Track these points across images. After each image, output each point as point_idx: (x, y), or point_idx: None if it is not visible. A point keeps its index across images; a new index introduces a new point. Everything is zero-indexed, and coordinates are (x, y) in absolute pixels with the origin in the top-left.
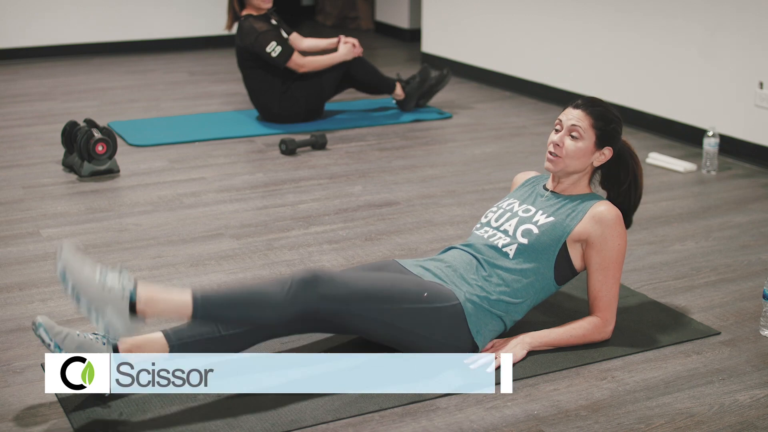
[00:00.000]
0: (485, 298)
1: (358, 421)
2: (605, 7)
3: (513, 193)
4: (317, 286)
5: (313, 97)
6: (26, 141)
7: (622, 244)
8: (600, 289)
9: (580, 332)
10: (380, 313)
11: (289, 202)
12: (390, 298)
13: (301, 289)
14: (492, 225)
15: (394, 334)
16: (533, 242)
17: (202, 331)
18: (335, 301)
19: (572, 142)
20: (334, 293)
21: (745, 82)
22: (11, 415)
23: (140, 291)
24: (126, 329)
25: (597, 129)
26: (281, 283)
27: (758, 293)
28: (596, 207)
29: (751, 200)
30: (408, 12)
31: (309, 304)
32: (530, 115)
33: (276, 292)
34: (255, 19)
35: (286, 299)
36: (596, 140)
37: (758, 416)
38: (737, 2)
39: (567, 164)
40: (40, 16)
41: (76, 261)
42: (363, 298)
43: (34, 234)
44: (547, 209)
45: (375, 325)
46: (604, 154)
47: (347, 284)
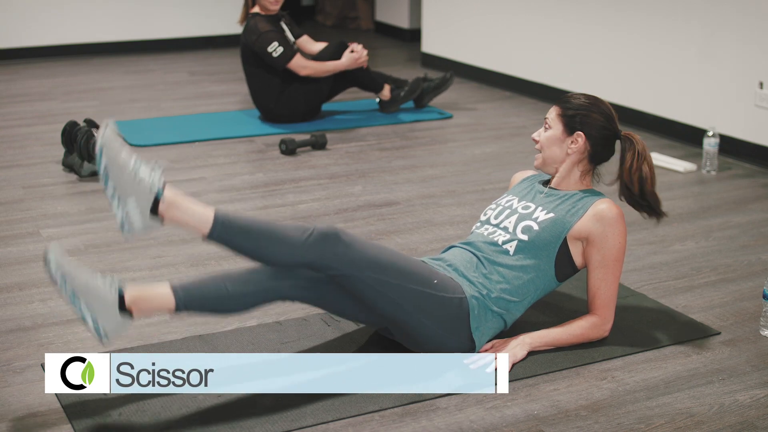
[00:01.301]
0: (486, 296)
1: (358, 421)
2: (605, 7)
3: (512, 190)
4: (335, 245)
5: (311, 97)
6: (26, 141)
7: (622, 242)
8: (599, 287)
9: (578, 331)
10: (389, 287)
11: (289, 202)
12: (402, 275)
13: (320, 241)
14: (491, 222)
15: (395, 312)
16: (533, 239)
17: (210, 288)
18: (348, 265)
19: (544, 132)
20: (349, 257)
21: (745, 82)
22: (11, 415)
23: (167, 192)
24: (142, 226)
25: (563, 117)
26: (303, 229)
27: (758, 293)
28: (597, 204)
29: (751, 200)
30: (408, 12)
31: (322, 259)
32: (530, 115)
33: (295, 236)
34: (261, 19)
35: (303, 245)
36: (563, 127)
37: (758, 416)
38: (737, 2)
39: (545, 156)
40: (40, 16)
41: (115, 143)
42: (377, 269)
43: (34, 234)
44: (546, 205)
45: (380, 298)
46: (576, 141)
47: (365, 251)
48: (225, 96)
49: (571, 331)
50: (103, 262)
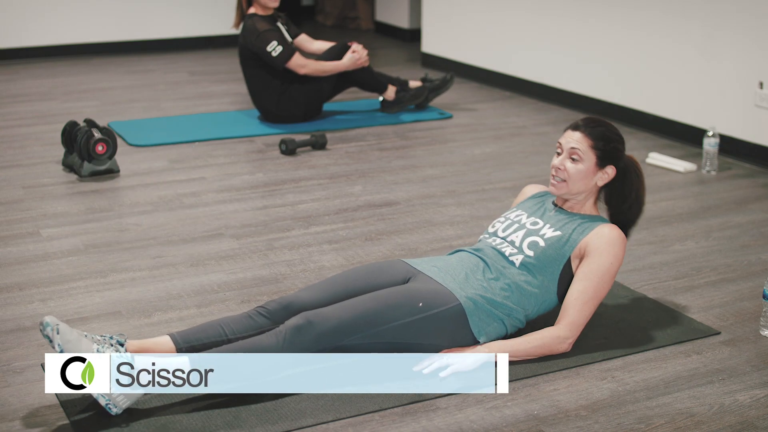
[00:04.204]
0: (488, 299)
1: (358, 421)
2: (605, 7)
3: (521, 205)
4: (311, 331)
5: (312, 97)
6: (26, 141)
7: (614, 264)
8: (576, 299)
9: (538, 342)
10: (382, 333)
11: (289, 202)
12: (387, 317)
13: (296, 336)
14: (499, 235)
15: (398, 347)
16: (539, 255)
17: (209, 334)
18: (335, 338)
19: (573, 164)
20: (331, 334)
21: (745, 82)
22: (11, 415)
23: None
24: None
25: (597, 149)
26: (275, 334)
27: (758, 293)
28: (602, 227)
29: (751, 200)
30: (408, 12)
31: (308, 349)
32: (530, 115)
33: (271, 344)
34: (259, 19)
35: (283, 348)
36: (597, 160)
37: (758, 416)
38: (737, 2)
39: (570, 187)
40: (40, 16)
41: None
42: (361, 327)
43: (34, 234)
44: (555, 224)
45: (379, 345)
46: (606, 173)
47: (343, 319)
48: (225, 96)
49: (531, 340)
50: (103, 262)
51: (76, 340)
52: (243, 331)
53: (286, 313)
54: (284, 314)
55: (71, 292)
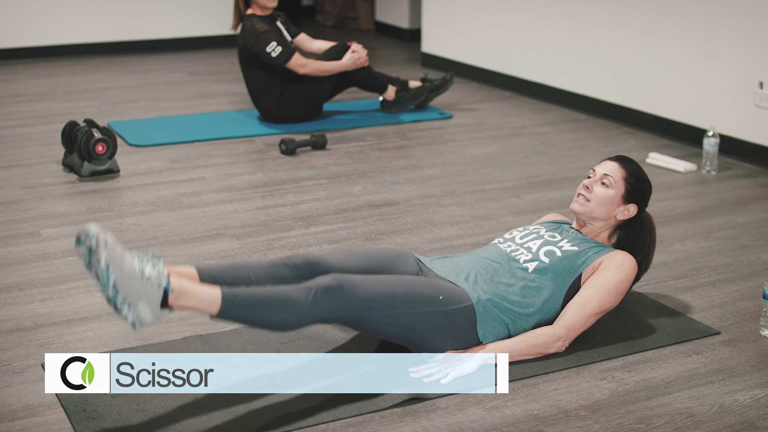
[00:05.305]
0: (496, 303)
1: (358, 421)
2: (605, 7)
3: (540, 223)
4: (341, 295)
5: (312, 97)
6: (26, 141)
7: (622, 282)
8: (577, 303)
9: (533, 341)
10: (399, 317)
11: (289, 202)
12: (410, 302)
13: (326, 296)
14: (516, 241)
15: (409, 336)
16: (554, 263)
17: (234, 275)
18: (357, 310)
19: (602, 188)
20: (357, 303)
21: (745, 82)
22: (11, 415)
23: (173, 283)
24: (153, 321)
25: (628, 183)
26: (306, 289)
27: (758, 293)
28: (618, 251)
29: (751, 200)
30: (408, 12)
31: (332, 312)
32: (530, 115)
33: (300, 298)
34: (258, 19)
35: (310, 305)
36: (625, 193)
37: (758, 416)
38: (737, 2)
39: (593, 208)
40: (40, 16)
41: (117, 252)
42: (385, 305)
43: (34, 234)
44: (572, 240)
45: (392, 329)
46: (628, 210)
47: (370, 291)
48: (225, 96)
49: (526, 339)
50: None
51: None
52: (267, 279)
53: (312, 271)
54: (309, 271)
55: (71, 292)
